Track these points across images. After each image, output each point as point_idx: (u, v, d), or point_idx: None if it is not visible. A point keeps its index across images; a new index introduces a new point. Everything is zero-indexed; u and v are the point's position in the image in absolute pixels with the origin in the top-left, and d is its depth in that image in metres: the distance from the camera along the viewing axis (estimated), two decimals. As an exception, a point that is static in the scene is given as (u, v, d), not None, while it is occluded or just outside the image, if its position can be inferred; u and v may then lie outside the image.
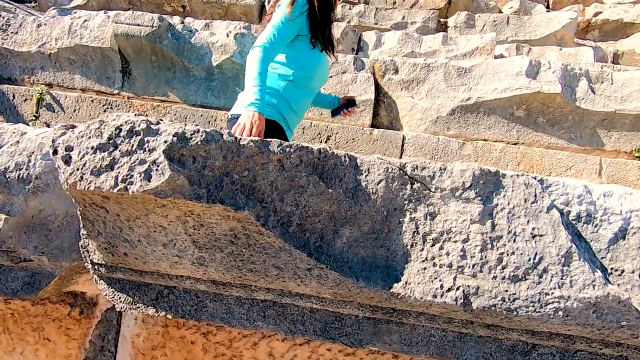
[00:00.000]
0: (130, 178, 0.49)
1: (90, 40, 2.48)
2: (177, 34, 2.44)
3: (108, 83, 2.60)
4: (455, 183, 0.60)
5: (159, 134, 0.50)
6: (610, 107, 2.16)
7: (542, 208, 0.59)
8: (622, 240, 0.61)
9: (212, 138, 0.52)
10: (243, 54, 2.40)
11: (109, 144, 0.50)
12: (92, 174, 0.50)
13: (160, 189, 0.49)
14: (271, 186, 0.58)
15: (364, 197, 0.62)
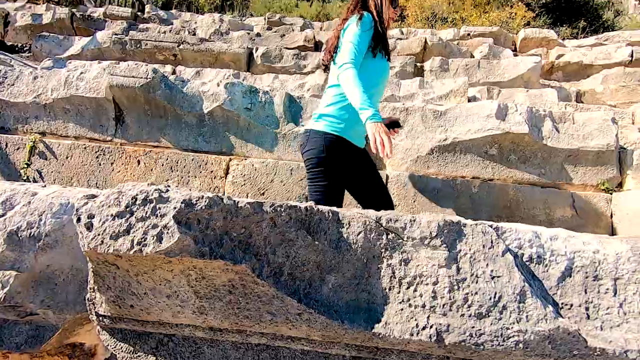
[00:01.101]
0: (144, 241, 0.57)
1: (85, 91, 2.60)
2: (170, 84, 2.58)
3: (101, 130, 2.69)
4: (423, 233, 0.70)
5: (169, 201, 0.58)
6: (574, 144, 2.34)
7: (498, 252, 0.68)
8: (569, 278, 0.70)
9: (214, 203, 0.61)
10: (233, 102, 2.55)
11: (126, 211, 0.58)
12: (112, 238, 0.57)
13: (170, 249, 0.57)
14: (265, 241, 0.67)
15: (346, 247, 0.70)
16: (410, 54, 4.49)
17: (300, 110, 2.67)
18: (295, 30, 5.60)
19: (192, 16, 6.17)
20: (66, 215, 0.86)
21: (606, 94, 3.69)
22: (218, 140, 2.63)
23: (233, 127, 2.63)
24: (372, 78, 1.56)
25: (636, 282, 0.68)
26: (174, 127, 2.65)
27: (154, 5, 8.50)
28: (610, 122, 2.35)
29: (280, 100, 2.62)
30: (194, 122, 2.64)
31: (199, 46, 3.98)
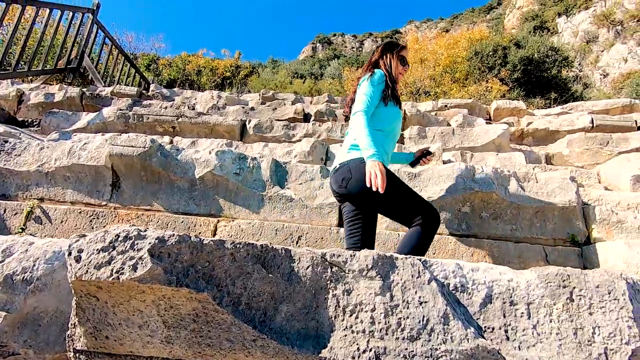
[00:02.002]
0: (122, 270, 0.69)
1: (87, 160, 2.81)
2: (165, 152, 2.81)
3: (97, 196, 2.85)
4: (361, 265, 0.82)
5: (146, 238, 0.71)
6: (539, 201, 2.52)
7: (424, 281, 0.80)
8: (490, 304, 0.81)
9: (182, 239, 0.74)
10: (223, 167, 2.76)
11: (110, 246, 0.70)
12: (95, 268, 0.69)
13: (143, 277, 0.68)
14: (226, 273, 0.78)
15: (296, 280, 0.82)
16: (391, 123, 4.88)
17: (286, 174, 2.87)
18: (286, 104, 6.11)
19: (192, 93, 6.74)
20: (57, 261, 0.97)
21: (572, 156, 3.98)
22: (207, 203, 2.78)
23: (222, 190, 2.80)
24: (386, 122, 1.86)
25: (545, 306, 0.79)
26: (167, 191, 2.82)
27: (158, 84, 9.28)
28: (569, 180, 2.55)
29: (267, 165, 2.83)
30: (186, 187, 2.82)
31: (196, 119, 4.33)
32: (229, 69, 13.69)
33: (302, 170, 2.86)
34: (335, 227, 2.67)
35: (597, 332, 0.75)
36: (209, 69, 13.00)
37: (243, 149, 3.80)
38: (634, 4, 17.85)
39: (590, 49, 19.11)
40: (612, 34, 18.52)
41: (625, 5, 18.39)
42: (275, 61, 20.41)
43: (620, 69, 16.59)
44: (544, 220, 2.52)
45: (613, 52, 17.54)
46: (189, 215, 2.73)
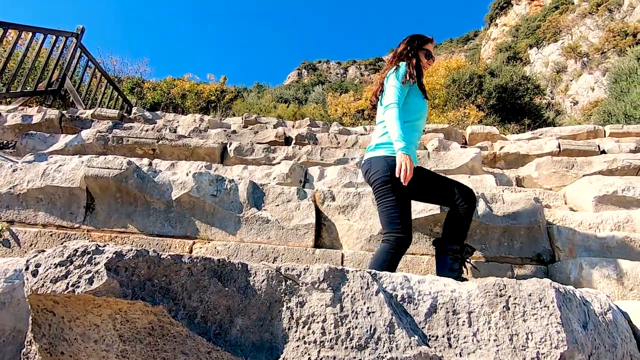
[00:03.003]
0: (78, 283, 0.71)
1: (61, 182, 2.79)
2: (142, 174, 2.82)
3: (70, 218, 2.81)
4: (314, 278, 0.86)
5: (104, 252, 0.74)
6: (506, 221, 2.62)
7: (373, 292, 0.85)
8: (435, 314, 0.86)
9: (140, 254, 0.77)
10: (200, 189, 2.78)
11: (67, 261, 0.73)
12: (51, 282, 0.71)
13: (98, 290, 0.71)
14: (182, 287, 0.81)
15: (252, 293, 0.85)
16: (370, 147, 5.02)
17: (263, 196, 2.91)
18: (269, 127, 6.21)
19: (175, 116, 6.78)
20: (18, 279, 0.98)
21: (541, 178, 4.16)
22: (184, 225, 2.78)
23: (199, 212, 2.81)
24: (412, 113, 2.02)
25: (485, 314, 0.85)
26: (143, 213, 2.81)
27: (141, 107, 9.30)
28: (533, 201, 2.67)
29: (244, 187, 2.87)
30: (162, 209, 2.81)
31: (177, 142, 4.36)
32: (214, 93, 13.85)
33: (279, 192, 2.91)
34: (311, 247, 2.70)
35: (530, 337, 0.81)
36: (194, 93, 13.12)
37: (222, 171, 3.83)
38: (597, 38, 19.14)
39: (560, 78, 20.22)
40: (580, 65, 19.69)
41: (589, 39, 19.69)
42: (261, 86, 20.74)
43: (589, 97, 17.54)
44: (512, 240, 2.62)
45: (581, 81, 18.58)
46: (164, 237, 2.71)
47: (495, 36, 31.61)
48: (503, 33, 30.56)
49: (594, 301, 0.97)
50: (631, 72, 12.44)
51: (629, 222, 2.72)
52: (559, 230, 2.60)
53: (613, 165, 3.98)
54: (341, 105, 16.37)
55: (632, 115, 10.64)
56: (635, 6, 17.89)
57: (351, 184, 3.61)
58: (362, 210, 2.82)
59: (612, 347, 0.89)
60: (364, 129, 6.81)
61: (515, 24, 28.21)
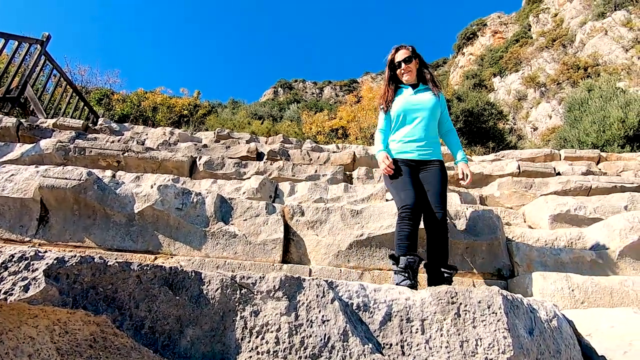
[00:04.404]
0: (11, 290, 0.66)
1: (12, 192, 2.63)
2: (103, 185, 2.71)
3: (20, 231, 2.64)
4: (269, 287, 0.85)
5: (43, 258, 0.70)
6: (469, 237, 2.70)
7: (328, 300, 0.85)
8: (389, 322, 0.86)
9: (85, 260, 0.73)
10: (164, 202, 2.70)
11: (1, 267, 0.68)
12: None
13: (34, 298, 0.67)
14: (129, 296, 0.78)
15: (205, 302, 0.83)
16: (342, 164, 5.09)
17: (231, 210, 2.86)
18: (241, 142, 6.17)
19: (144, 129, 6.61)
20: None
21: (503, 197, 4.35)
22: (146, 239, 2.67)
23: (162, 226, 2.72)
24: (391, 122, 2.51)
25: (437, 322, 0.86)
26: (101, 227, 2.68)
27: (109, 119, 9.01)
28: (494, 218, 2.78)
29: (211, 200, 2.81)
30: (123, 222, 2.70)
31: (144, 154, 4.24)
32: (187, 107, 13.66)
33: (248, 207, 2.87)
34: (278, 263, 2.65)
35: (480, 343, 0.83)
36: (166, 107, 12.88)
37: (190, 184, 3.75)
38: (553, 70, 20.63)
39: (521, 105, 21.51)
40: (538, 94, 21.07)
41: (547, 71, 21.20)
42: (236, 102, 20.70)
43: (547, 123, 18.72)
44: (474, 255, 2.70)
45: (540, 109, 19.84)
46: (124, 252, 2.59)
47: (463, 64, 33.42)
48: (469, 61, 32.38)
49: (541, 309, 1.01)
50: (583, 102, 13.41)
51: (581, 238, 2.88)
52: (517, 247, 2.71)
53: (567, 186, 4.22)
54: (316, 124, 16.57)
55: (585, 142, 11.42)
56: (586, 43, 19.53)
57: (321, 200, 3.63)
58: (330, 225, 2.83)
59: (557, 352, 0.92)
60: (336, 147, 6.90)
61: (480, 54, 29.99)
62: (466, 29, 34.94)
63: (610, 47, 17.85)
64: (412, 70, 2.46)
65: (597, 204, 3.45)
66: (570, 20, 22.33)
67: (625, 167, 5.65)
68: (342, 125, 16.85)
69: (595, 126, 11.52)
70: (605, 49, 18.11)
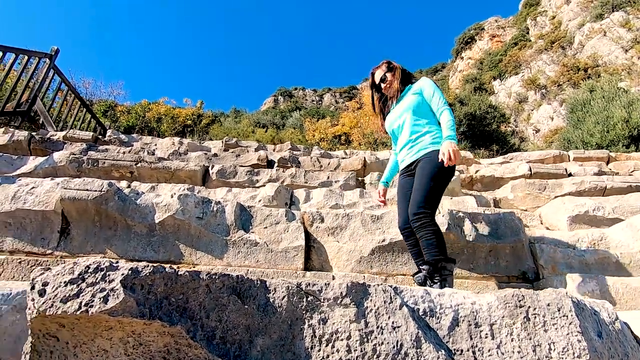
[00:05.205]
0: (91, 302, 0.65)
1: (33, 205, 2.63)
2: (123, 196, 2.71)
3: (42, 244, 2.63)
4: (336, 294, 0.84)
5: (118, 269, 0.69)
6: (491, 240, 2.68)
7: (396, 306, 0.84)
8: (457, 327, 0.85)
9: (157, 270, 0.72)
10: (185, 211, 2.69)
11: (79, 278, 0.67)
12: (61, 302, 0.65)
13: (114, 309, 0.65)
14: (200, 306, 0.77)
15: (272, 311, 0.82)
16: (353, 170, 5.09)
17: (251, 218, 2.85)
18: (250, 151, 6.18)
19: (152, 139, 6.63)
20: (6, 305, 0.89)
21: (516, 200, 4.33)
22: (167, 249, 2.66)
23: (183, 235, 2.71)
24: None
25: (506, 326, 0.85)
26: (122, 238, 2.67)
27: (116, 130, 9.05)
28: (517, 221, 2.77)
29: (231, 209, 2.80)
30: (144, 232, 2.69)
31: (157, 164, 4.24)
32: (191, 117, 13.73)
33: (267, 214, 2.86)
34: (301, 270, 2.64)
35: (553, 347, 0.81)
36: (170, 117, 12.95)
37: (206, 193, 3.74)
38: (553, 72, 20.72)
39: (522, 108, 21.56)
40: (539, 96, 21.13)
41: (547, 73, 21.28)
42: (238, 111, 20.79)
43: (549, 125, 18.73)
44: (497, 259, 2.68)
45: (542, 111, 19.87)
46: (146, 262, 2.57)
47: (462, 68, 33.58)
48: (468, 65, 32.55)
49: (602, 311, 0.99)
50: (585, 103, 13.42)
51: (603, 239, 2.86)
52: (541, 249, 2.69)
53: (581, 187, 4.21)
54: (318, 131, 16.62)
55: (589, 142, 11.41)
56: (585, 44, 19.64)
57: (337, 206, 3.61)
58: (351, 231, 2.81)
59: (625, 356, 0.91)
60: (344, 153, 6.91)
61: (479, 58, 30.15)
62: (464, 33, 35.19)
63: (610, 47, 17.94)
64: (392, 83, 2.44)
65: (615, 204, 3.43)
66: (569, 22, 22.48)
67: (636, 166, 5.64)
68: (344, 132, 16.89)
69: (599, 127, 11.52)
70: (604, 49, 18.20)
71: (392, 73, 2.45)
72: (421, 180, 2.13)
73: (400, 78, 2.46)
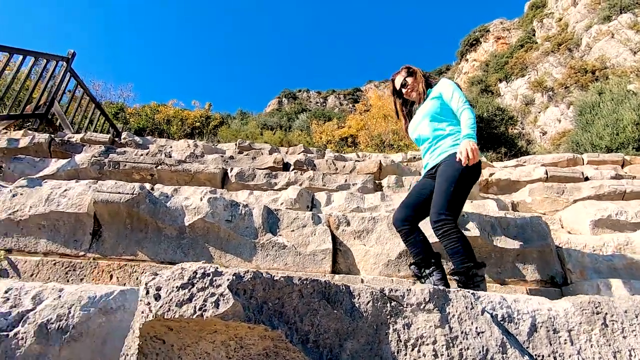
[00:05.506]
0: (204, 306, 0.68)
1: (66, 207, 2.67)
2: (154, 199, 2.74)
3: (75, 245, 2.66)
4: (419, 299, 0.86)
5: (223, 274, 0.72)
6: (519, 245, 2.70)
7: (478, 312, 0.86)
8: (536, 332, 0.87)
9: (257, 276, 0.75)
10: (214, 214, 2.72)
11: (189, 283, 0.70)
12: (177, 306, 0.67)
13: (226, 313, 0.68)
14: (294, 310, 0.79)
15: (358, 315, 0.84)
16: (368, 172, 5.11)
17: (277, 221, 2.88)
18: (264, 153, 6.22)
19: (167, 141, 6.68)
20: (93, 307, 0.92)
21: (535, 204, 4.33)
22: (197, 252, 2.69)
23: (213, 238, 2.74)
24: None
25: (585, 332, 0.86)
26: (153, 240, 2.70)
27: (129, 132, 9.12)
28: (543, 225, 2.78)
29: (259, 212, 2.83)
30: (174, 235, 2.72)
31: (177, 167, 4.28)
32: (199, 119, 13.81)
33: (294, 217, 2.89)
34: (329, 273, 2.66)
35: (634, 354, 0.83)
36: (178, 119, 13.03)
37: (228, 196, 3.77)
38: (560, 74, 20.65)
39: (529, 110, 21.50)
40: (546, 98, 21.06)
41: (553, 75, 21.22)
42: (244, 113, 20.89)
43: (556, 127, 18.66)
44: (525, 263, 2.69)
45: (548, 113, 19.81)
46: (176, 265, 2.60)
47: (467, 70, 33.54)
48: (473, 68, 32.49)
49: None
50: (594, 105, 13.36)
51: (629, 244, 2.86)
52: (569, 253, 2.70)
53: (600, 190, 4.21)
54: (325, 133, 16.64)
55: (598, 145, 11.35)
56: (592, 46, 19.57)
57: (359, 209, 3.64)
58: (377, 235, 2.83)
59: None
60: (356, 156, 6.93)
61: (484, 60, 30.10)
62: (469, 35, 35.15)
63: (618, 50, 17.87)
64: (414, 88, 2.45)
65: (638, 208, 3.43)
66: (575, 24, 22.42)
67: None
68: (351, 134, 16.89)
69: (609, 129, 11.46)
70: (612, 52, 18.14)
71: (413, 77, 2.48)
72: (441, 185, 2.07)
73: (423, 80, 2.47)
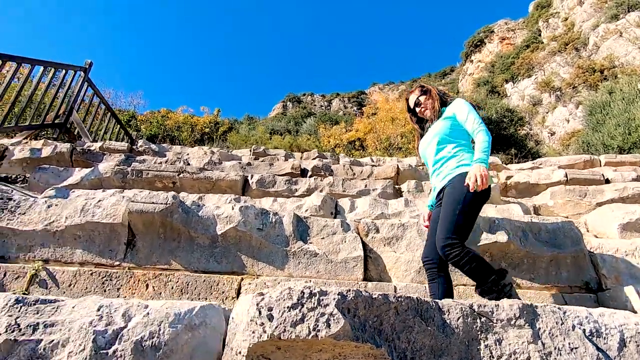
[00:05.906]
0: (317, 327, 0.69)
1: (101, 217, 2.70)
2: (187, 208, 2.77)
3: (110, 255, 2.70)
4: (508, 315, 0.87)
5: (328, 294, 0.73)
6: (552, 250, 2.68)
7: (569, 327, 0.86)
8: (625, 347, 0.87)
9: (358, 294, 0.76)
10: (246, 223, 2.74)
11: (298, 303, 0.71)
12: (291, 326, 0.69)
13: (338, 334, 0.69)
14: (391, 327, 0.81)
15: (450, 331, 0.85)
16: (386, 177, 5.11)
17: (307, 229, 2.89)
18: (280, 159, 6.25)
19: (182, 148, 6.74)
20: (180, 324, 0.93)
21: (557, 207, 4.31)
22: (229, 261, 2.70)
23: (245, 247, 2.75)
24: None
25: (675, 346, 0.86)
26: (186, 249, 2.73)
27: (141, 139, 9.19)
28: (575, 230, 2.76)
29: (289, 220, 2.85)
30: (207, 244, 2.74)
31: (198, 175, 4.32)
32: (208, 125, 13.90)
33: (323, 225, 2.90)
34: (361, 281, 2.66)
35: None
36: (188, 125, 13.12)
37: (251, 203, 3.79)
38: (568, 74, 20.54)
39: (536, 110, 21.37)
40: (554, 98, 20.93)
41: (561, 75, 21.10)
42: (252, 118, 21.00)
43: (565, 128, 18.53)
44: (559, 268, 2.67)
45: (557, 113, 19.68)
46: (210, 274, 2.62)
47: (472, 71, 33.45)
48: (479, 69, 32.40)
49: None
50: (605, 105, 13.26)
51: (662, 248, 2.83)
52: (603, 258, 2.68)
53: (624, 193, 4.17)
54: (333, 137, 16.66)
55: (610, 145, 11.25)
56: (600, 45, 19.46)
57: (383, 215, 3.64)
58: (407, 241, 2.84)
59: None
60: (371, 160, 6.94)
61: (490, 61, 30.00)
62: (473, 36, 35.09)
63: (627, 48, 17.75)
64: (427, 106, 2.44)
65: (666, 211, 3.40)
66: (582, 23, 22.31)
67: (672, 171, 5.57)
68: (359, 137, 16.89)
69: (620, 129, 11.37)
70: (621, 50, 18.01)
71: (427, 96, 2.46)
72: (446, 210, 2.01)
73: (438, 99, 2.45)
